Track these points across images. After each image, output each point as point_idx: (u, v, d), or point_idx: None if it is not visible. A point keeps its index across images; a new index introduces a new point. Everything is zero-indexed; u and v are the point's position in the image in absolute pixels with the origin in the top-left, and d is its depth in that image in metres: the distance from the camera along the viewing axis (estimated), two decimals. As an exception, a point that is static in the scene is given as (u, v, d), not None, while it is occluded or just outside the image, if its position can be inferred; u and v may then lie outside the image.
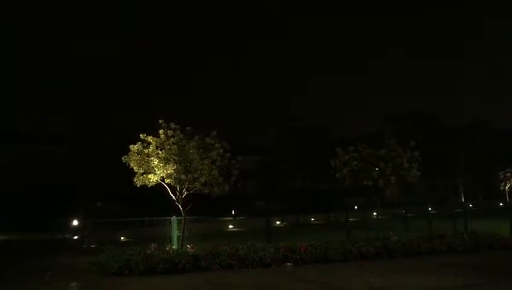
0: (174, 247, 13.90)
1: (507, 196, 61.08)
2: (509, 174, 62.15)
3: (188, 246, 13.79)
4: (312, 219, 36.22)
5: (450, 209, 23.93)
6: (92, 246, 19.45)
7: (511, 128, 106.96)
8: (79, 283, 11.57)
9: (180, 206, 14.55)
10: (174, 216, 14.51)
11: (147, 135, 14.25)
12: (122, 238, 23.08)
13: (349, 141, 23.76)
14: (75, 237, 21.76)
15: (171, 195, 14.64)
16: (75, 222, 22.41)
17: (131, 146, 14.22)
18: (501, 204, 53.51)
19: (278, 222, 31.94)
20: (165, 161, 13.92)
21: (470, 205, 48.20)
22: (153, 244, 13.49)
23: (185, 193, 14.48)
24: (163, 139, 14.14)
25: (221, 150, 14.46)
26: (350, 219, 20.20)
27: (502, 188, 63.86)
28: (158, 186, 14.53)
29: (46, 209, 34.09)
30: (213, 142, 14.47)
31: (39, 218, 29.79)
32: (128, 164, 14.26)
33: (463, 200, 59.81)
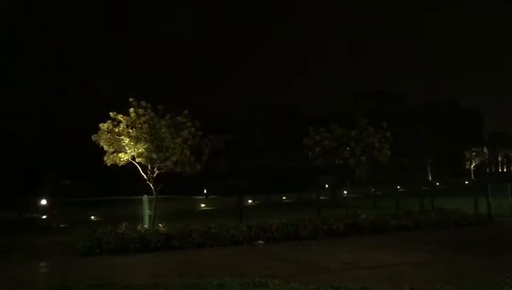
0: (145, 226, 13.81)
1: (472, 174, 62.97)
2: (474, 153, 63.98)
3: (160, 225, 13.74)
4: (283, 198, 36.58)
5: (418, 188, 24.49)
6: (61, 225, 19.19)
7: (477, 107, 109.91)
8: (48, 262, 11.42)
9: (151, 185, 14.42)
10: (145, 195, 14.39)
11: (117, 113, 13.99)
12: (92, 217, 22.81)
13: (320, 119, 23.93)
14: (44, 217, 21.41)
15: (142, 174, 14.50)
16: (44, 201, 22.03)
17: (101, 124, 13.95)
18: (466, 182, 55.18)
19: (249, 201, 32.10)
20: (136, 139, 13.73)
21: (437, 184, 49.55)
22: (124, 224, 13.37)
23: (157, 171, 14.35)
24: (133, 118, 13.91)
25: (193, 129, 14.34)
26: (321, 198, 20.48)
27: (467, 166, 65.78)
28: (129, 165, 14.35)
29: (13, 187, 33.38)
30: (184, 120, 14.31)
31: (6, 197, 29.11)
32: (98, 143, 14.01)
33: (430, 178, 61.31)
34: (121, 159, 13.99)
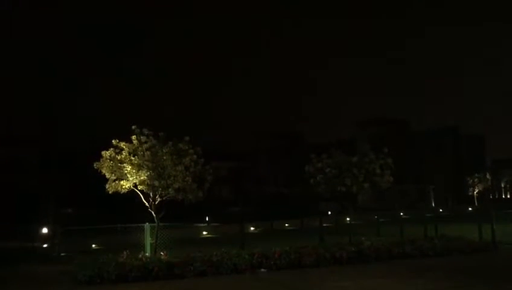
0: (147, 254, 13.69)
1: (475, 201, 62.50)
2: (477, 179, 63.61)
3: (162, 253, 13.62)
4: (286, 225, 36.29)
5: (421, 215, 24.32)
6: (62, 254, 19.01)
7: (478, 134, 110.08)
8: (48, 292, 11.28)
9: (153, 212, 14.36)
10: (147, 223, 14.31)
11: (119, 141, 14.04)
12: (93, 246, 22.61)
13: (323, 146, 23.98)
14: (45, 245, 21.24)
15: (144, 202, 14.45)
16: (45, 230, 21.89)
17: (103, 152, 13.99)
18: (470, 209, 54.74)
19: (252, 228, 31.87)
20: (138, 167, 13.73)
21: (440, 210, 49.19)
22: (125, 252, 13.26)
23: (158, 199, 14.30)
24: (136, 145, 13.96)
25: (195, 156, 14.36)
26: (324, 225, 20.34)
27: (470, 193, 65.33)
28: (131, 192, 14.33)
29: (14, 216, 33.24)
30: (186, 147, 14.34)
31: (6, 225, 28.96)
32: (100, 171, 14.03)
33: (433, 205, 60.94)
34: (123, 187, 13.97)
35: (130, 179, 13.80)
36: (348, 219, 27.52)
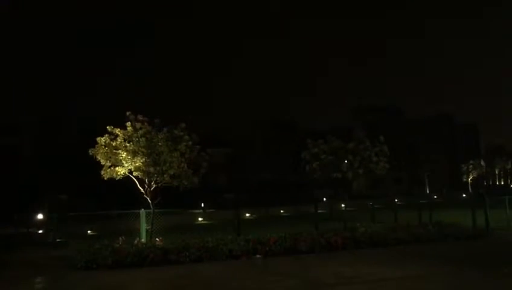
0: (142, 240, 13.73)
1: (470, 187, 62.93)
2: (471, 166, 64.00)
3: (157, 239, 13.66)
4: (281, 211, 36.42)
5: (416, 201, 24.43)
6: (58, 240, 19.01)
7: (473, 122, 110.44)
8: (45, 277, 11.32)
9: (148, 199, 14.37)
10: (142, 209, 14.32)
11: (114, 127, 13.98)
12: (89, 232, 22.63)
13: (319, 133, 23.99)
14: (40, 231, 21.24)
15: (140, 188, 14.44)
16: (40, 216, 21.87)
17: (98, 138, 13.94)
18: (464, 195, 55.11)
19: (247, 214, 31.97)
20: (133, 153, 13.70)
21: (435, 197, 49.46)
22: (121, 238, 13.29)
23: (154, 185, 14.30)
24: (130, 132, 13.90)
25: (190, 142, 14.33)
26: (319, 211, 20.39)
27: (465, 180, 65.77)
28: (126, 179, 14.30)
29: (10, 203, 33.15)
30: (182, 134, 14.30)
31: (2, 211, 28.92)
32: (95, 157, 13.98)
33: (428, 191, 61.32)
34: (118, 173, 13.95)
35: (125, 165, 13.79)
36: (342, 205, 27.62)
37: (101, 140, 13.88)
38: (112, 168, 13.97)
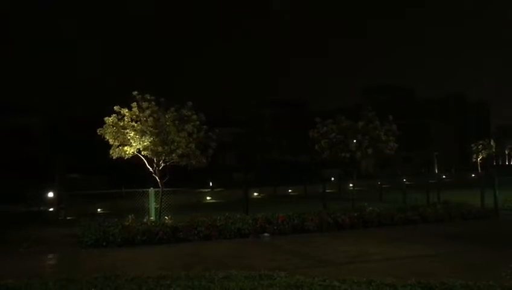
0: (152, 219, 13.88)
1: (479, 167, 62.55)
2: (481, 146, 63.46)
3: (166, 217, 13.79)
4: (289, 191, 36.55)
5: (424, 181, 24.38)
6: (68, 218, 19.30)
7: (483, 101, 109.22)
8: (55, 254, 11.51)
9: (157, 178, 14.46)
10: (151, 188, 14.44)
11: (121, 107, 14.00)
12: (99, 210, 22.94)
13: (327, 113, 23.87)
14: (51, 209, 21.55)
15: (148, 167, 14.53)
16: (51, 194, 22.15)
17: (106, 118, 13.98)
18: (473, 175, 54.86)
19: (255, 194, 32.15)
20: (141, 133, 13.74)
21: (444, 177, 49.26)
22: (130, 216, 13.44)
23: (162, 164, 14.38)
24: (137, 112, 13.91)
25: (198, 122, 14.32)
26: (327, 191, 20.44)
27: (474, 160, 65.32)
28: (135, 158, 14.39)
29: (22, 181, 33.58)
30: (189, 113, 14.29)
31: (15, 190, 29.34)
32: (104, 137, 14.05)
33: (437, 171, 61.07)
34: (127, 153, 14.02)
35: (134, 144, 13.84)
36: (351, 185, 27.63)
37: (109, 120, 13.92)
38: (121, 147, 14.04)
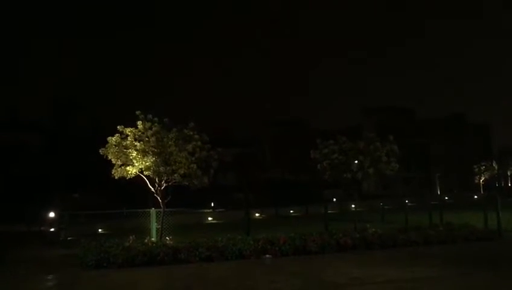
0: (153, 239, 13.81)
1: (481, 189, 62.30)
2: (483, 167, 63.32)
3: (167, 238, 13.73)
4: (291, 211, 36.43)
5: (426, 202, 24.28)
6: (69, 238, 19.20)
7: (484, 122, 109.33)
8: (56, 275, 11.44)
9: (159, 198, 14.44)
10: (153, 208, 14.40)
11: (124, 127, 14.06)
12: (100, 230, 22.86)
13: (328, 132, 23.94)
14: (52, 229, 21.46)
15: (150, 187, 14.53)
16: (52, 214, 22.09)
17: (109, 138, 14.04)
18: (475, 197, 54.59)
19: (257, 214, 32.05)
20: (143, 153, 13.78)
21: (446, 198, 49.02)
22: (131, 237, 13.38)
23: (164, 184, 14.38)
24: (141, 131, 13.97)
25: (200, 142, 14.37)
26: (329, 211, 20.38)
27: (476, 181, 65.08)
28: (137, 178, 14.39)
29: (22, 200, 33.51)
30: (191, 133, 14.36)
31: (14, 209, 29.26)
32: (106, 156, 14.09)
33: (439, 192, 60.84)
34: (129, 172, 14.04)
35: (136, 164, 13.86)
36: (352, 205, 27.55)
37: (112, 140, 13.97)
38: (123, 167, 14.06)
